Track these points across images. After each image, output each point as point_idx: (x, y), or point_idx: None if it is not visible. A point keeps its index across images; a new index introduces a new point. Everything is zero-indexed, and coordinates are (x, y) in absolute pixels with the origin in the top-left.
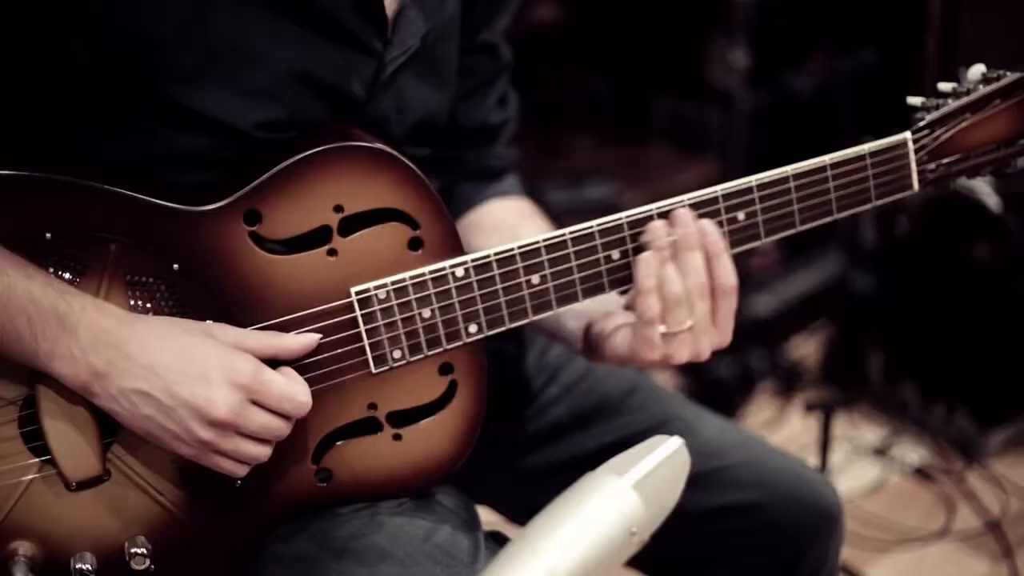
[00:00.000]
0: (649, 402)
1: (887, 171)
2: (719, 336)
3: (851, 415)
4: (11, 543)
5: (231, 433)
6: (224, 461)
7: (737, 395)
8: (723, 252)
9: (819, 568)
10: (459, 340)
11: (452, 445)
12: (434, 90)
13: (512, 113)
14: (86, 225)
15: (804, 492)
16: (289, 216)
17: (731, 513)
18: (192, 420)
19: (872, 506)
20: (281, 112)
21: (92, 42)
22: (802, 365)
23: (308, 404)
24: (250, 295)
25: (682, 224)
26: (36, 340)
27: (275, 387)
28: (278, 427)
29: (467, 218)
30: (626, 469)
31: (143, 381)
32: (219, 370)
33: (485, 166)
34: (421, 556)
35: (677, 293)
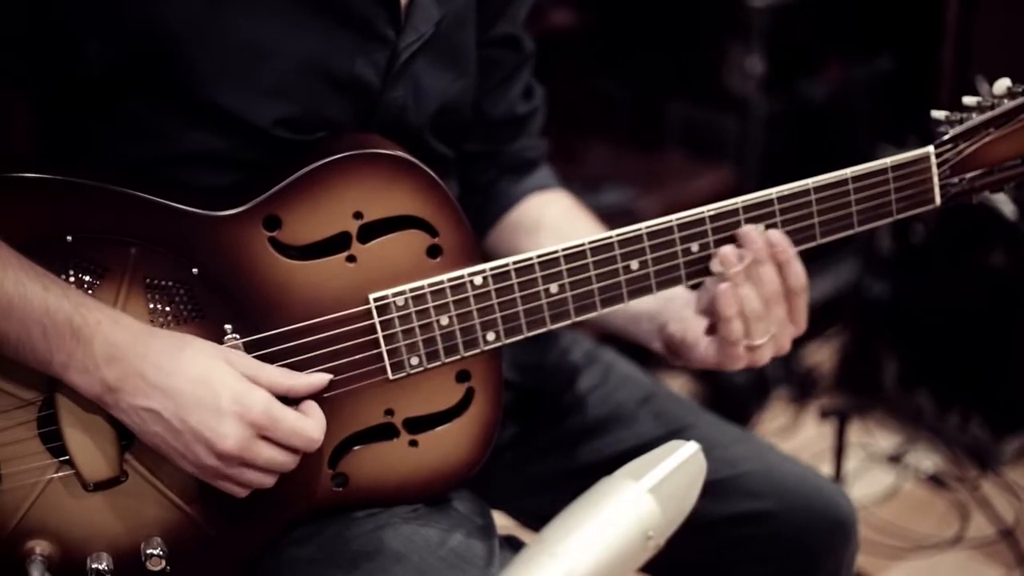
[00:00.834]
0: (664, 410)
1: (909, 185)
2: (796, 329)
3: (865, 422)
4: (28, 542)
5: (236, 464)
6: (227, 484)
7: (752, 402)
8: (793, 257)
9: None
10: (477, 348)
11: (468, 452)
12: (452, 79)
13: (539, 103)
14: (107, 228)
15: (818, 501)
16: (309, 222)
17: (744, 521)
18: (198, 447)
19: (886, 513)
20: (298, 108)
21: (110, 41)
22: (817, 372)
23: (318, 440)
24: (269, 300)
25: (752, 241)
26: (51, 352)
27: (285, 424)
28: (283, 462)
29: (509, 216)
30: (643, 474)
31: (154, 401)
32: (231, 402)
33: (519, 159)
34: (436, 561)
35: (756, 310)
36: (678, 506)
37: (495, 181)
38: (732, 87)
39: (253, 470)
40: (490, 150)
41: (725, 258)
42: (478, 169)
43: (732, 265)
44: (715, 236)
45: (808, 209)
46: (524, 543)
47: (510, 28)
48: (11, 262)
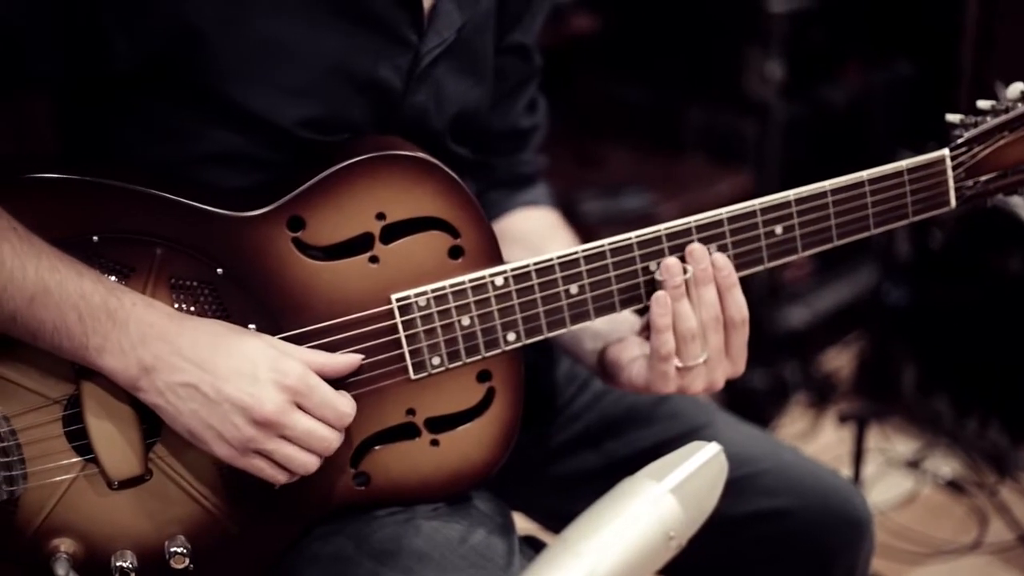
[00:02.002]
0: (679, 410)
1: (924, 187)
2: (732, 367)
3: (884, 427)
4: (53, 540)
5: (274, 434)
6: (263, 463)
7: (771, 406)
8: (735, 285)
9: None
10: (497, 348)
11: (489, 451)
12: (472, 84)
13: (541, 119)
14: (132, 229)
15: (834, 499)
16: (332, 223)
17: (761, 520)
18: (237, 416)
19: (904, 518)
20: (321, 108)
21: (136, 40)
22: (835, 377)
23: (351, 415)
24: (292, 300)
25: (696, 259)
26: (87, 335)
27: (321, 392)
28: (322, 435)
29: (494, 226)
30: (664, 474)
31: (190, 375)
32: (267, 370)
33: (515, 173)
34: (457, 559)
35: (691, 328)
36: (700, 506)
37: (485, 191)
38: (751, 92)
39: (291, 445)
40: (488, 161)
41: (668, 267)
42: (473, 177)
43: (674, 275)
44: (732, 237)
45: (825, 211)
46: (544, 543)
47: (522, 38)
48: (44, 250)
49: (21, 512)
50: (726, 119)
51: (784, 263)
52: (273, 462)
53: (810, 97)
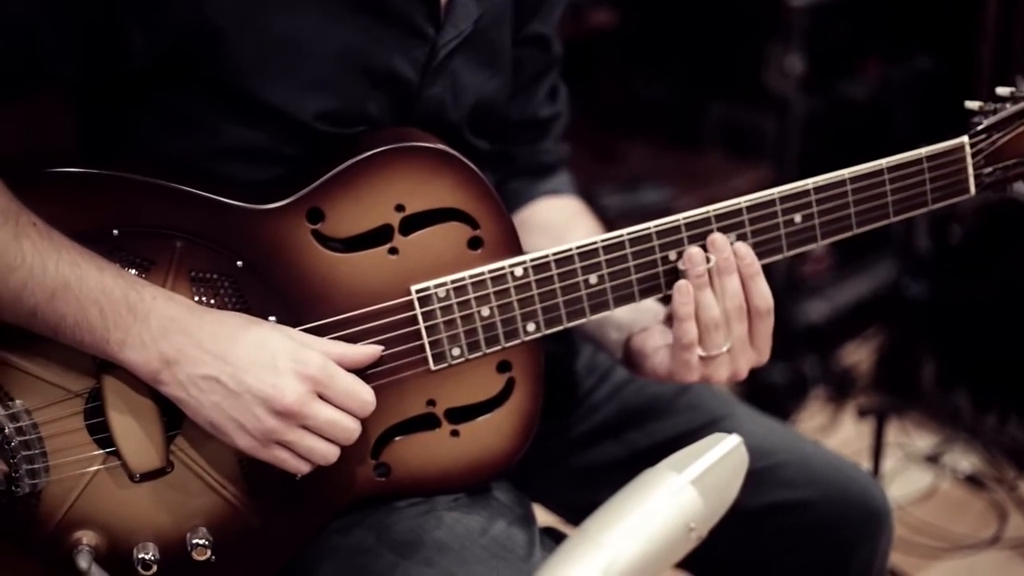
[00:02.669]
0: (699, 401)
1: (944, 175)
2: (757, 356)
3: (903, 422)
4: (75, 533)
5: (295, 425)
6: (285, 454)
7: (790, 401)
8: (759, 274)
9: (868, 567)
10: (517, 338)
11: (509, 442)
12: (489, 76)
13: (562, 108)
14: (152, 222)
15: (853, 491)
16: (351, 215)
17: (780, 511)
18: (258, 407)
19: (923, 513)
20: (339, 102)
21: (153, 36)
22: (855, 372)
23: (372, 404)
24: (312, 292)
25: (718, 249)
26: (108, 330)
27: (341, 381)
28: (345, 425)
29: (517, 216)
30: (685, 466)
31: (212, 368)
32: (288, 360)
33: (536, 162)
34: (477, 549)
35: (714, 318)
36: (720, 498)
37: (506, 180)
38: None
39: (312, 435)
40: (509, 151)
41: (690, 257)
42: (495, 167)
43: (696, 264)
44: (751, 227)
45: (844, 199)
46: (564, 534)
47: (542, 28)
48: (65, 245)
49: (43, 505)
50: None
51: (803, 251)
52: (295, 453)
53: (830, 92)
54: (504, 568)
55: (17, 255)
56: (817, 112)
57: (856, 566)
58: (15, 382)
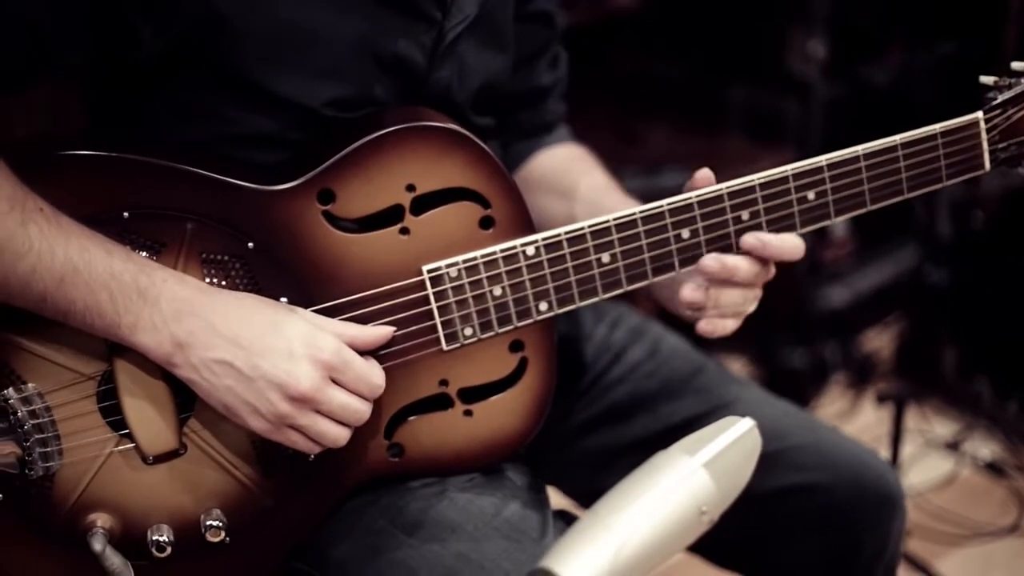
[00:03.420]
0: (713, 383)
1: (958, 151)
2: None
3: (923, 409)
4: (89, 515)
5: (309, 409)
6: (297, 436)
7: (810, 386)
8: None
9: (881, 552)
10: (530, 318)
11: (522, 421)
12: (494, 55)
13: (562, 72)
14: (163, 204)
15: (867, 475)
16: (362, 195)
17: (793, 495)
18: (272, 392)
19: (942, 500)
20: (348, 89)
21: (161, 26)
22: (875, 358)
23: (382, 388)
24: (323, 273)
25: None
26: (118, 314)
27: (355, 366)
28: (356, 409)
29: (518, 175)
30: (697, 449)
31: (225, 351)
32: (302, 345)
33: (537, 123)
34: (490, 531)
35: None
36: (732, 481)
37: (509, 144)
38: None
39: (325, 419)
40: (510, 117)
41: (693, 303)
42: (498, 134)
43: (703, 303)
44: (765, 204)
45: (858, 176)
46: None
47: (545, 4)
48: (74, 231)
49: (57, 488)
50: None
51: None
52: (307, 436)
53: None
54: (516, 550)
55: (24, 242)
56: (839, 97)
57: (869, 550)
58: (28, 365)
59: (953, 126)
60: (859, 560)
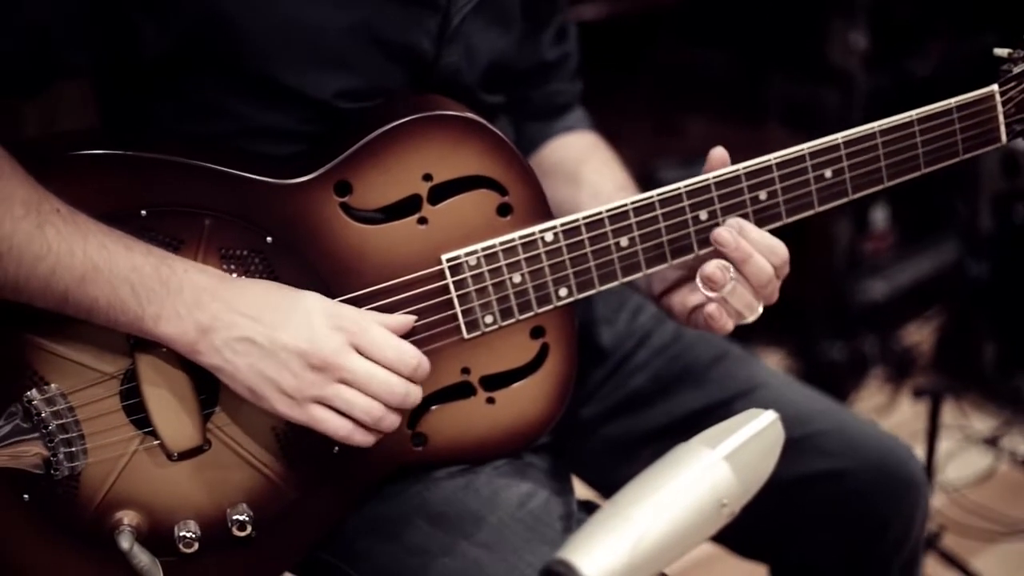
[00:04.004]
0: (736, 369)
1: (974, 124)
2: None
3: (962, 404)
4: (116, 514)
5: (332, 379)
6: (324, 413)
7: (848, 380)
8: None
9: (904, 539)
10: (550, 304)
11: (545, 407)
12: (500, 34)
13: (571, 47)
14: (180, 201)
15: (890, 461)
16: (379, 186)
17: (816, 481)
18: (294, 362)
19: (979, 496)
20: (357, 79)
21: (166, 25)
22: (915, 352)
23: (411, 355)
24: (343, 265)
25: (730, 245)
26: (142, 306)
27: (376, 332)
28: (383, 378)
29: (532, 159)
30: (719, 441)
31: (246, 329)
32: (321, 314)
33: (550, 103)
34: (514, 522)
35: (748, 302)
36: (754, 474)
37: (519, 125)
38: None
39: (350, 389)
40: (521, 95)
41: (710, 278)
42: (509, 113)
43: (722, 285)
44: (782, 183)
45: (875, 152)
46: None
47: None
48: (91, 229)
49: (83, 487)
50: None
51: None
52: (334, 410)
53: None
54: (539, 541)
55: (43, 244)
56: (880, 88)
57: (892, 536)
58: (49, 366)
59: (968, 100)
60: (883, 546)
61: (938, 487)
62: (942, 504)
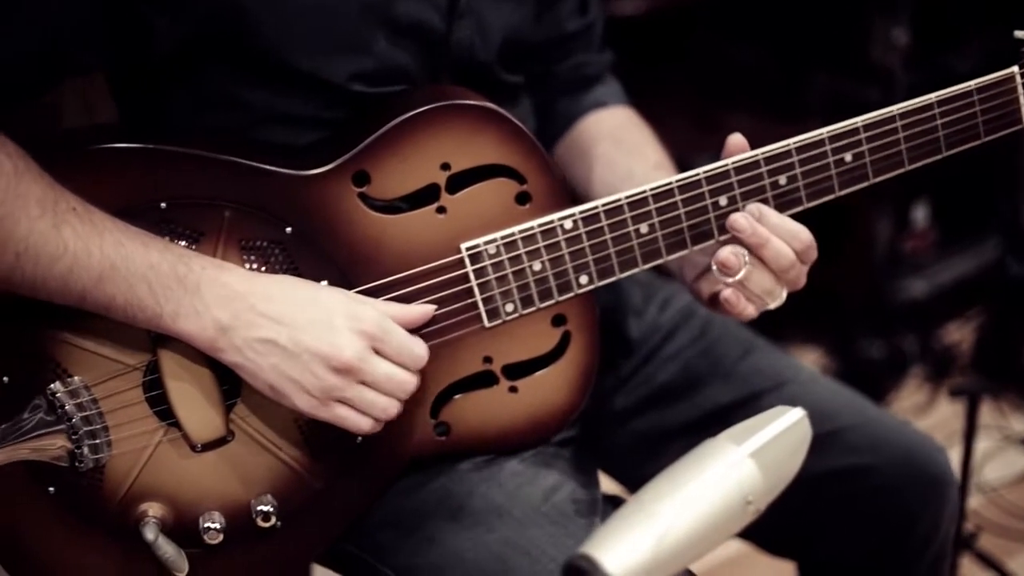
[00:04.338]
0: (764, 364)
1: (995, 106)
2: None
3: (1001, 404)
4: (141, 506)
5: (354, 381)
6: (345, 411)
7: (887, 379)
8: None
9: (932, 536)
10: (570, 291)
11: (568, 396)
12: (513, 8)
13: (594, 17)
14: (200, 193)
15: (918, 456)
16: (397, 175)
17: (843, 477)
18: (317, 366)
19: (1018, 496)
20: (370, 61)
21: (178, 17)
22: (955, 351)
23: (424, 358)
24: (362, 255)
25: (748, 230)
26: (159, 304)
27: (397, 336)
28: (402, 379)
29: (565, 140)
30: (745, 438)
31: (268, 330)
32: (344, 317)
33: (578, 75)
34: (538, 516)
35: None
36: (780, 472)
37: (551, 102)
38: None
39: (370, 390)
40: (543, 71)
41: (725, 263)
42: (534, 91)
43: (736, 270)
44: (802, 168)
45: (895, 136)
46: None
47: None
48: (108, 227)
49: (108, 480)
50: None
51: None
52: (355, 409)
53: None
54: (563, 536)
55: (59, 244)
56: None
57: (920, 533)
58: (72, 358)
59: (988, 81)
60: (911, 543)
61: (975, 488)
62: (979, 505)
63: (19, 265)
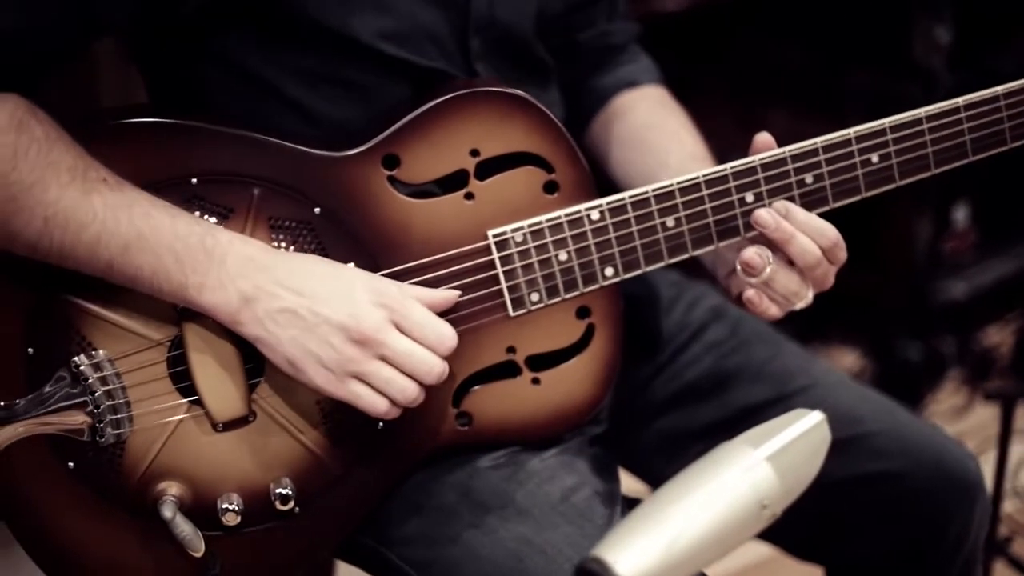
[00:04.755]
0: (791, 367)
1: (1021, 112)
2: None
3: None
4: (160, 484)
5: (373, 355)
6: (363, 388)
7: (925, 381)
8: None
9: (963, 541)
10: (596, 283)
11: (591, 388)
12: None
13: None
14: (230, 170)
15: (947, 462)
16: (427, 160)
17: (871, 483)
18: (335, 336)
19: None
20: (394, 19)
21: None
22: (994, 354)
23: (450, 337)
24: (389, 238)
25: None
26: (185, 275)
27: (417, 312)
28: (422, 357)
29: (598, 120)
30: (762, 441)
31: (289, 301)
32: (365, 291)
33: (602, 45)
34: (556, 516)
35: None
36: (797, 476)
37: (581, 80)
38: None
39: (389, 367)
40: (568, 42)
41: (749, 263)
42: (561, 68)
43: (760, 269)
44: (828, 167)
45: (921, 139)
46: None
47: None
48: (136, 199)
49: (128, 456)
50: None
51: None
52: (372, 387)
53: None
54: (580, 536)
55: (88, 211)
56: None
57: (950, 540)
58: (98, 331)
59: (1015, 87)
60: (941, 548)
61: (1010, 492)
62: (1013, 510)
63: (47, 231)
